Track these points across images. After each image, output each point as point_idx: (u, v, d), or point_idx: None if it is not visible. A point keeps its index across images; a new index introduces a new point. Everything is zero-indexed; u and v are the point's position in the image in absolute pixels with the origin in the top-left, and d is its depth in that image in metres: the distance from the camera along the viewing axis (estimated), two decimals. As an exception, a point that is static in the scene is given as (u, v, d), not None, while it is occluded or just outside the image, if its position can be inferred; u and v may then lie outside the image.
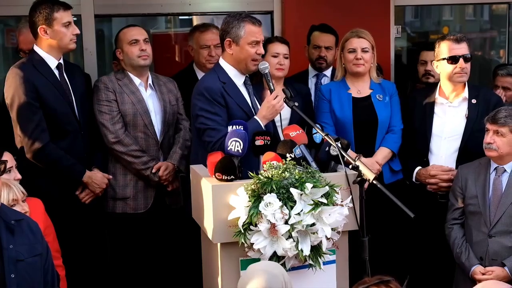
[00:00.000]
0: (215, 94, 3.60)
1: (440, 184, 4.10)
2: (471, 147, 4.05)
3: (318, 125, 3.46)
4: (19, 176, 3.51)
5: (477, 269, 3.78)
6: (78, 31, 3.98)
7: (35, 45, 3.97)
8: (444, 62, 4.08)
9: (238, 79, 3.74)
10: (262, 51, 3.70)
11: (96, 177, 4.05)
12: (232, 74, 3.72)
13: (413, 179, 4.22)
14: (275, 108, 3.62)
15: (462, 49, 4.05)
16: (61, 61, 4.00)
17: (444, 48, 4.09)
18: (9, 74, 3.91)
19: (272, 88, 3.67)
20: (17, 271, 2.61)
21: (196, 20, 6.11)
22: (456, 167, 4.07)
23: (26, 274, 2.65)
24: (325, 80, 4.76)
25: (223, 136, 3.38)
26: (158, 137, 4.23)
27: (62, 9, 3.88)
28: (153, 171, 4.16)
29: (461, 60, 4.03)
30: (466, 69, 4.06)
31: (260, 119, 3.61)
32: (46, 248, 2.81)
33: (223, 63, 3.74)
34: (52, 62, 3.94)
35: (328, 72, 4.81)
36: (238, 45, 3.66)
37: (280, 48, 4.32)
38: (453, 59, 4.05)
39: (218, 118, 3.59)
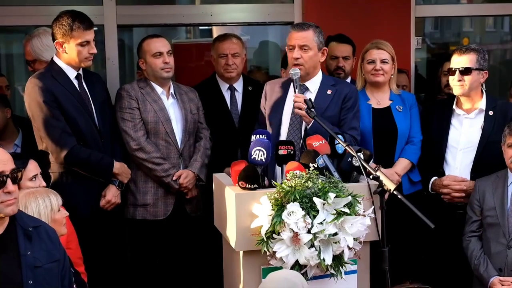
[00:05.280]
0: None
1: (452, 194, 4.11)
2: (486, 159, 4.05)
3: (340, 136, 3.48)
4: (44, 184, 3.54)
5: (495, 280, 3.78)
6: (95, 51, 3.96)
7: (54, 56, 3.99)
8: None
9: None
10: (296, 55, 3.82)
11: (125, 167, 4.11)
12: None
13: (429, 189, 4.22)
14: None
15: (462, 61, 4.06)
16: (80, 71, 4.01)
17: (451, 60, 4.13)
18: (28, 84, 3.92)
19: (295, 91, 3.74)
20: (35, 277, 2.63)
21: (216, 30, 6.15)
22: (471, 178, 4.08)
23: (43, 280, 2.66)
24: (343, 92, 4.78)
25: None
26: (179, 145, 4.27)
27: (82, 28, 3.86)
28: (174, 178, 4.19)
29: (457, 72, 4.05)
30: (463, 81, 4.05)
31: None
32: (64, 254, 2.83)
33: None
34: (71, 72, 3.96)
35: (346, 84, 4.83)
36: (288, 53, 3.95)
37: None
38: (450, 71, 4.09)
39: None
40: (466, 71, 4.04)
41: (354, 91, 4.01)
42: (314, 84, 3.94)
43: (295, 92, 3.73)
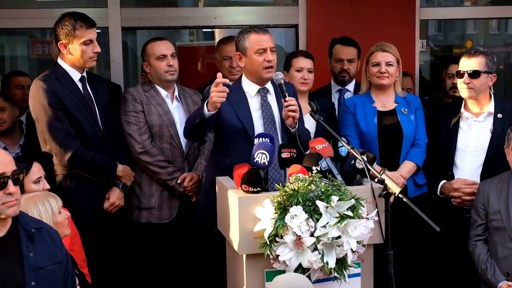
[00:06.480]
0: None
1: (463, 198, 4.09)
2: (496, 162, 4.03)
3: (343, 139, 3.47)
4: (47, 186, 3.55)
5: (504, 285, 3.76)
6: (99, 50, 3.96)
7: (58, 58, 4.00)
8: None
9: (253, 90, 3.77)
10: (270, 58, 3.68)
11: (128, 170, 4.12)
12: (247, 85, 3.78)
13: (438, 193, 4.20)
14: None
15: (471, 64, 4.04)
16: (84, 74, 4.02)
17: (460, 63, 4.12)
18: (32, 87, 3.93)
19: (286, 95, 3.63)
20: (37, 279, 2.63)
21: (219, 33, 6.16)
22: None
23: (46, 281, 2.67)
24: (348, 95, 4.77)
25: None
26: (184, 148, 4.27)
27: (84, 27, 3.88)
28: (178, 181, 4.20)
29: (465, 75, 4.04)
30: (472, 84, 4.04)
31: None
32: (66, 255, 2.84)
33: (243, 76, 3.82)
34: (75, 75, 3.97)
35: (350, 87, 4.82)
36: (247, 56, 3.72)
37: (304, 63, 4.35)
38: (458, 74, 4.08)
39: None
40: (474, 74, 4.03)
41: (295, 91, 3.94)
42: (270, 86, 3.84)
43: (284, 96, 3.62)
